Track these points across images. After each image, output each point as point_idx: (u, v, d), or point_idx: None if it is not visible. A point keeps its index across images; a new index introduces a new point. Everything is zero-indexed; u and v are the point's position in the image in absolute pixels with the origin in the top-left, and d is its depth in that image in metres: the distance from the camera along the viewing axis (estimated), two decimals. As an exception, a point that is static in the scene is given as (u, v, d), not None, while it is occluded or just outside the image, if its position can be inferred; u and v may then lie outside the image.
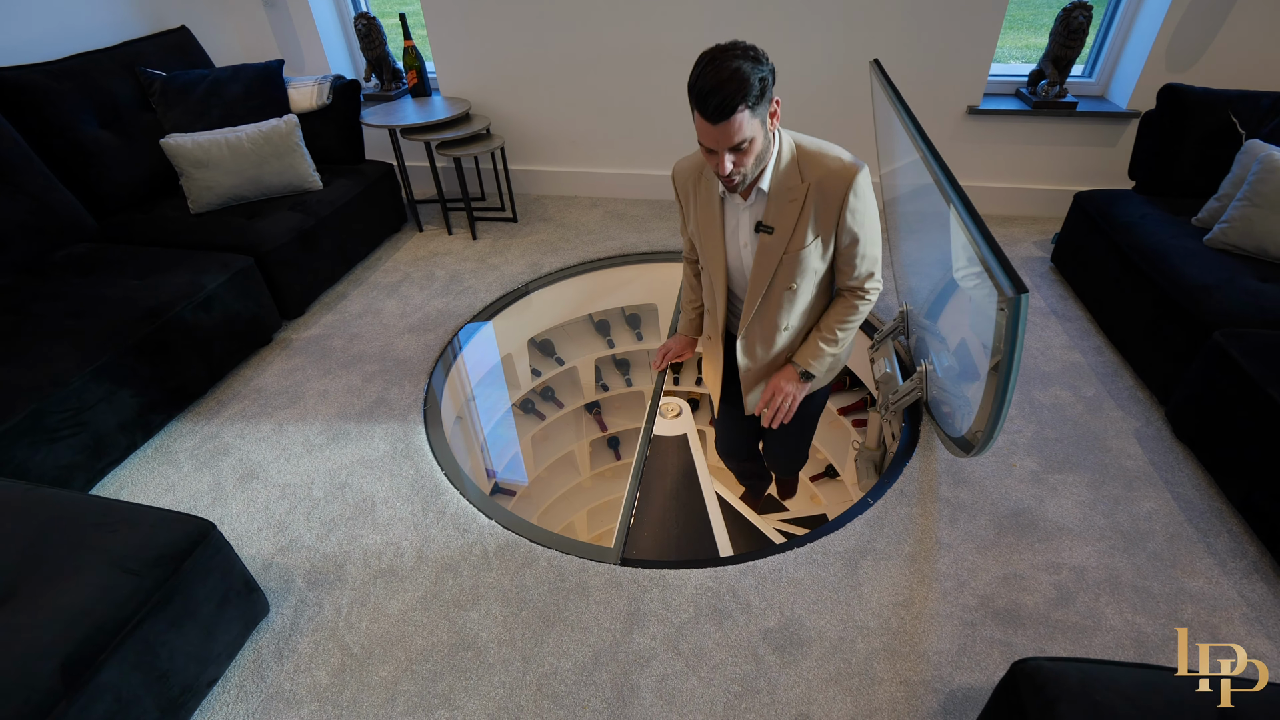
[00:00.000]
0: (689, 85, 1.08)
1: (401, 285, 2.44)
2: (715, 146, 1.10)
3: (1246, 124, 1.95)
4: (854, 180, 1.18)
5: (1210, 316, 1.56)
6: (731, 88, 1.04)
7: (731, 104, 1.05)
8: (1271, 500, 1.32)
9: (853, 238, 1.25)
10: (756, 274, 1.31)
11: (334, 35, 3.00)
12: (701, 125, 1.09)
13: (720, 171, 1.13)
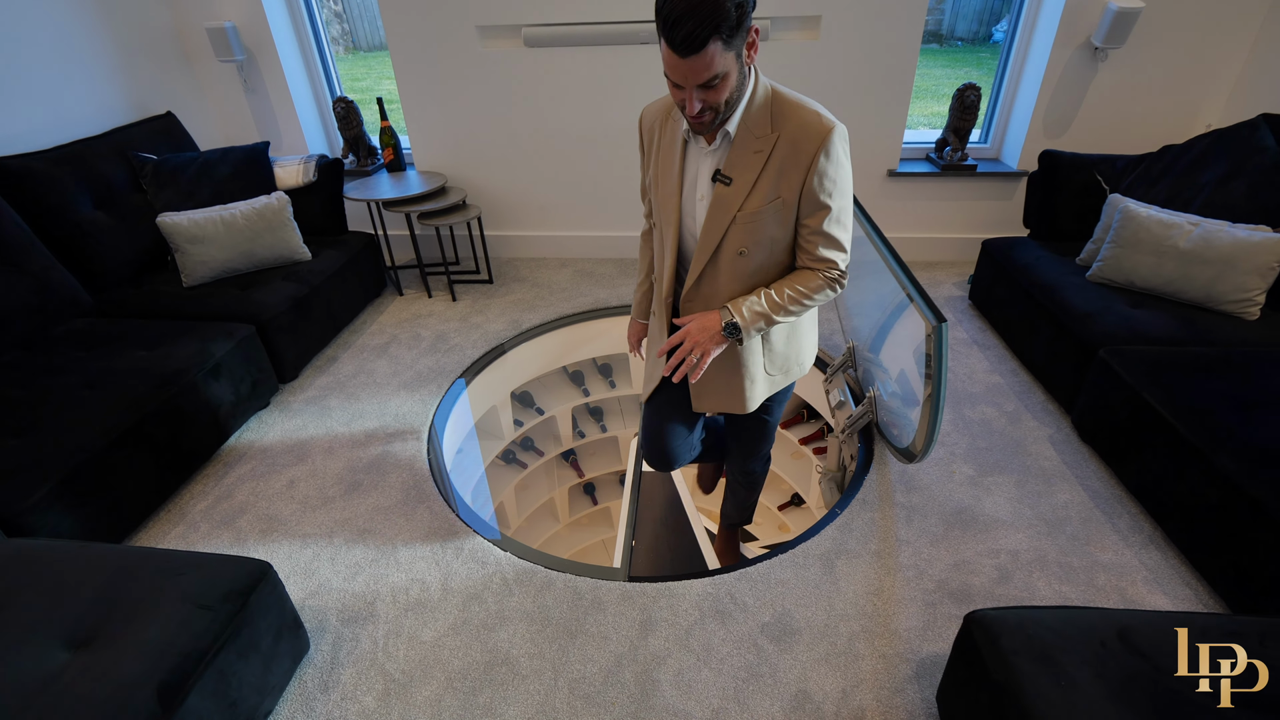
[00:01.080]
0: (656, 9, 0.94)
1: (390, 346, 2.58)
2: (683, 82, 0.98)
3: (1108, 181, 2.39)
4: (828, 138, 1.05)
5: (1095, 338, 1.91)
6: (704, 13, 0.90)
7: (703, 34, 0.91)
8: (1157, 483, 1.62)
9: (818, 206, 1.11)
10: (707, 231, 1.16)
11: (311, 117, 3.20)
12: (669, 57, 0.96)
13: (689, 111, 1.02)
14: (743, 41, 0.98)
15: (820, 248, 1.14)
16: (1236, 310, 1.93)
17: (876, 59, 2.68)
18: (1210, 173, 2.15)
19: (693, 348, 1.16)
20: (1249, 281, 1.91)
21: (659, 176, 1.21)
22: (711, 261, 1.19)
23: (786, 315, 1.19)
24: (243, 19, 2.86)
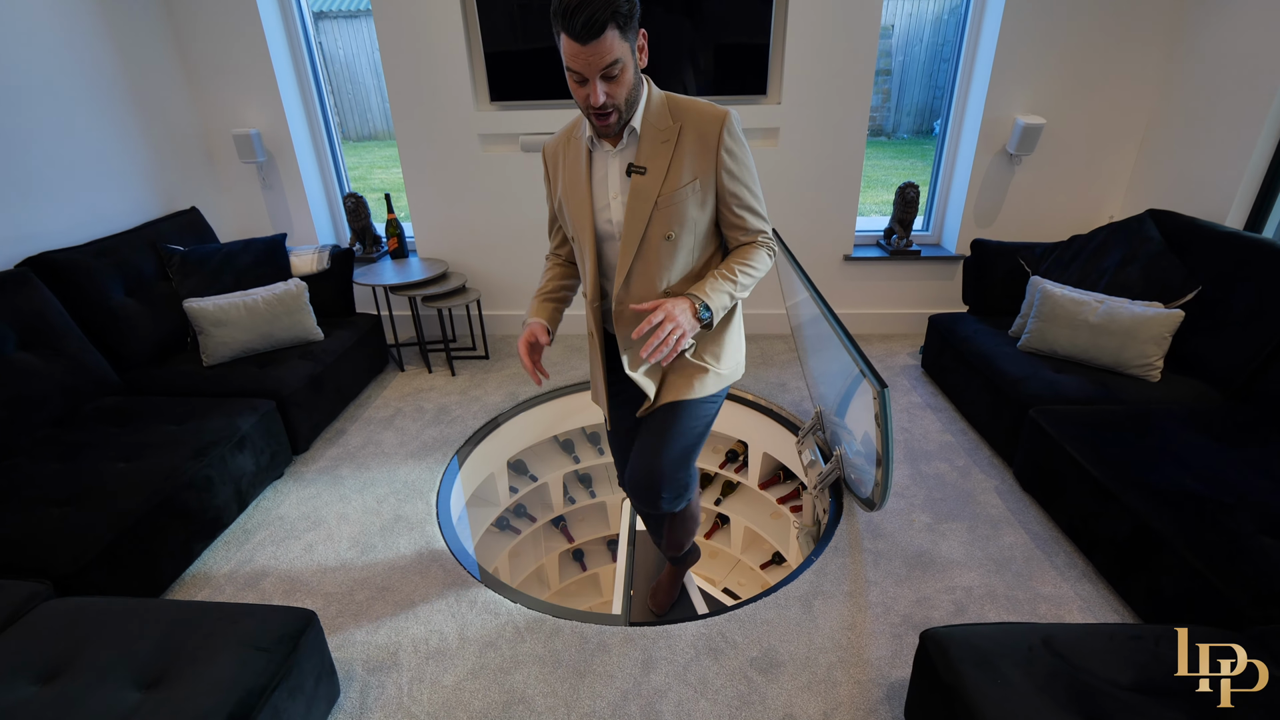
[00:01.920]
0: (553, 6, 1.03)
1: (395, 419, 2.77)
2: (586, 71, 1.05)
3: (1030, 265, 2.77)
4: (727, 119, 1.18)
5: (1026, 400, 2.20)
6: (600, 2, 0.99)
7: (601, 20, 1.00)
8: (1084, 523, 1.87)
9: (735, 181, 1.22)
10: (630, 222, 1.22)
11: (321, 209, 3.50)
12: (570, 48, 1.04)
13: (593, 102, 1.08)
14: (635, 37, 1.08)
15: (750, 221, 1.26)
16: (1141, 374, 2.26)
17: (827, 162, 3.10)
18: (1110, 258, 2.54)
19: (671, 328, 1.14)
20: (1148, 349, 2.25)
21: (568, 190, 1.28)
22: (639, 254, 1.24)
23: (743, 290, 1.26)
24: (265, 125, 3.19)
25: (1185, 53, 2.75)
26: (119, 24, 2.72)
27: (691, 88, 2.98)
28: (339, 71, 9.46)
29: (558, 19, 1.03)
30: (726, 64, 2.94)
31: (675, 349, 1.16)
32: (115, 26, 2.70)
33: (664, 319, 1.15)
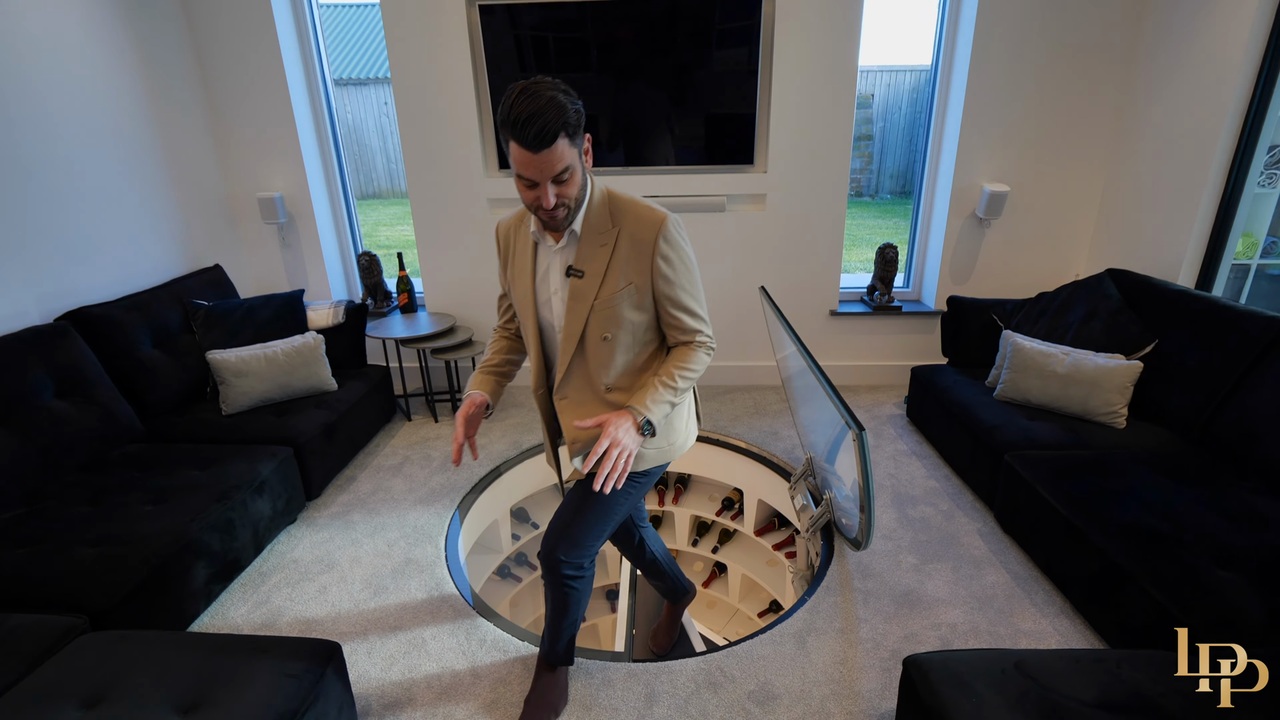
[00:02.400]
0: (501, 117, 1.07)
1: (404, 466, 2.88)
2: (538, 177, 1.10)
3: (1002, 320, 2.97)
4: (663, 225, 1.22)
5: (1002, 446, 2.35)
6: (551, 114, 1.05)
7: (552, 130, 1.05)
8: (1059, 560, 1.99)
9: (669, 285, 1.26)
10: (570, 321, 1.27)
11: (336, 267, 3.69)
12: (521, 157, 1.08)
13: (544, 204, 1.13)
14: (581, 142, 1.14)
15: (687, 321, 1.30)
16: (1108, 421, 2.42)
17: (812, 224, 3.34)
18: (1075, 314, 2.74)
19: (617, 452, 1.17)
20: (1113, 398, 2.42)
21: (515, 278, 1.33)
22: (579, 350, 1.30)
23: (681, 393, 1.30)
24: (287, 189, 3.42)
25: (1131, 129, 3.04)
26: (160, 98, 2.97)
27: (680, 159, 3.24)
28: (347, 134, 9.94)
29: (507, 128, 1.07)
30: (715, 136, 3.21)
31: (625, 470, 1.19)
32: (157, 101, 2.95)
33: (609, 445, 1.17)
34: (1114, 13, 2.96)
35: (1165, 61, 2.84)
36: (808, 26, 3.01)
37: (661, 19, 3.00)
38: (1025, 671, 1.32)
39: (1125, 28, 2.98)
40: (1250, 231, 3.21)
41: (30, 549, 1.79)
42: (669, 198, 3.26)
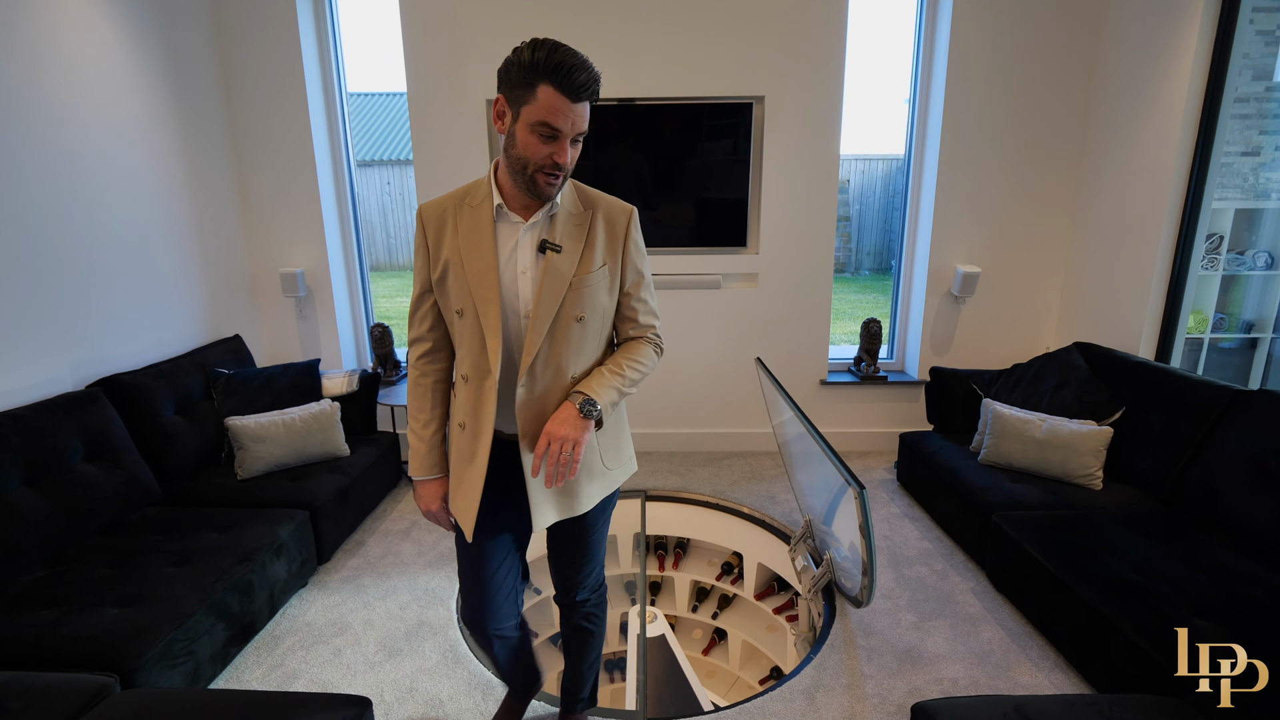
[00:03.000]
0: (537, 61, 1.05)
1: (412, 530, 2.93)
2: (567, 129, 1.09)
3: (981, 389, 3.18)
4: (633, 214, 1.29)
5: (989, 507, 2.49)
6: (593, 72, 1.07)
7: (595, 86, 1.08)
8: (1050, 614, 2.09)
9: (636, 274, 1.30)
10: (544, 300, 1.20)
11: (348, 337, 3.85)
12: (557, 103, 1.06)
13: (560, 160, 1.11)
14: None
15: (642, 314, 1.31)
16: (1085, 483, 2.58)
17: (801, 300, 3.59)
18: (1048, 383, 2.96)
19: (561, 443, 1.15)
20: (1088, 461, 2.59)
21: (468, 258, 1.21)
22: (550, 335, 1.22)
23: (631, 385, 1.28)
24: (308, 264, 3.61)
25: (1086, 217, 3.38)
26: (199, 178, 3.20)
27: (680, 241, 3.50)
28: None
29: (547, 72, 1.05)
30: (711, 221, 3.49)
31: (577, 459, 1.17)
32: (195, 181, 3.17)
33: (549, 442, 1.16)
34: (1065, 114, 3.35)
35: (1112, 159, 3.21)
36: (793, 123, 3.36)
37: (668, 121, 3.33)
38: (1025, 714, 1.42)
39: (1075, 129, 3.37)
40: (1200, 309, 3.51)
41: (57, 610, 1.83)
42: (670, 275, 3.50)
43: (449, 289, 1.25)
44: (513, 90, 1.11)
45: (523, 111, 1.10)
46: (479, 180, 1.28)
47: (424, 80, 3.33)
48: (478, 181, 1.28)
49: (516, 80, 1.09)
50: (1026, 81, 3.33)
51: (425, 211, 1.28)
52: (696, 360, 3.64)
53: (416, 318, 1.35)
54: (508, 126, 1.15)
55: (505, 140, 1.17)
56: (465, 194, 1.27)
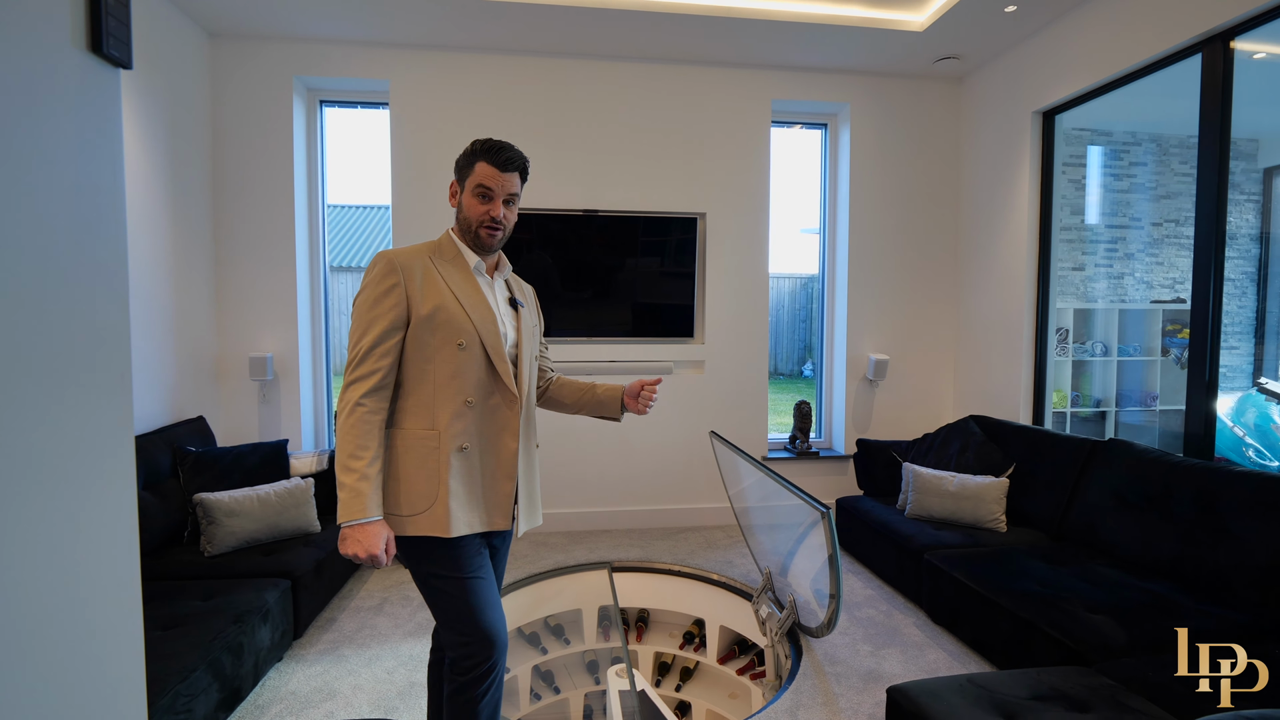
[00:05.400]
0: (475, 147, 1.45)
1: (384, 606, 2.92)
2: (497, 189, 1.43)
3: (900, 455, 3.69)
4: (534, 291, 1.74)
5: (920, 549, 2.88)
6: (519, 153, 1.46)
7: (518, 162, 1.45)
8: (980, 630, 2.44)
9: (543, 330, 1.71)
10: (525, 340, 1.53)
11: (309, 421, 3.89)
12: (489, 172, 1.42)
13: (494, 214, 1.44)
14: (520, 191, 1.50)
15: (549, 358, 1.77)
16: (993, 526, 3.05)
17: (741, 385, 4.07)
18: (952, 448, 3.50)
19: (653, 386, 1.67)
20: (993, 508, 3.08)
21: (466, 300, 1.44)
22: (529, 378, 1.55)
23: None
24: (278, 350, 3.73)
25: (966, 316, 4.15)
26: (181, 268, 3.34)
27: (636, 332, 3.95)
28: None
29: (480, 154, 1.43)
30: (664, 318, 3.98)
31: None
32: (179, 269, 3.31)
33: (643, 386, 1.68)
34: (942, 236, 4.20)
35: (980, 271, 4.03)
36: (730, 235, 4.00)
37: (629, 229, 3.88)
38: (976, 683, 1.73)
39: (951, 247, 4.21)
40: (1060, 388, 4.29)
41: (46, 671, 1.78)
42: (628, 362, 3.89)
43: (441, 326, 1.40)
44: (460, 171, 1.49)
45: (466, 183, 1.47)
46: (433, 242, 1.53)
47: (408, 187, 3.73)
48: (434, 243, 1.53)
49: (462, 164, 1.48)
50: (911, 211, 4.18)
51: (397, 259, 1.43)
52: (652, 440, 3.96)
53: (375, 354, 1.37)
54: (458, 198, 1.50)
55: (456, 211, 1.52)
56: (431, 251, 1.49)
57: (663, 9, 3.32)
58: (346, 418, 1.35)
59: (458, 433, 1.42)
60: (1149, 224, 4.88)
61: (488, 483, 1.47)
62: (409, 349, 1.41)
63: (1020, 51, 3.64)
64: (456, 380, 1.42)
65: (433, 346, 1.41)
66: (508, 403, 1.47)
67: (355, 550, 1.34)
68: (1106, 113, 4.27)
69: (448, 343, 1.41)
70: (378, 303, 1.39)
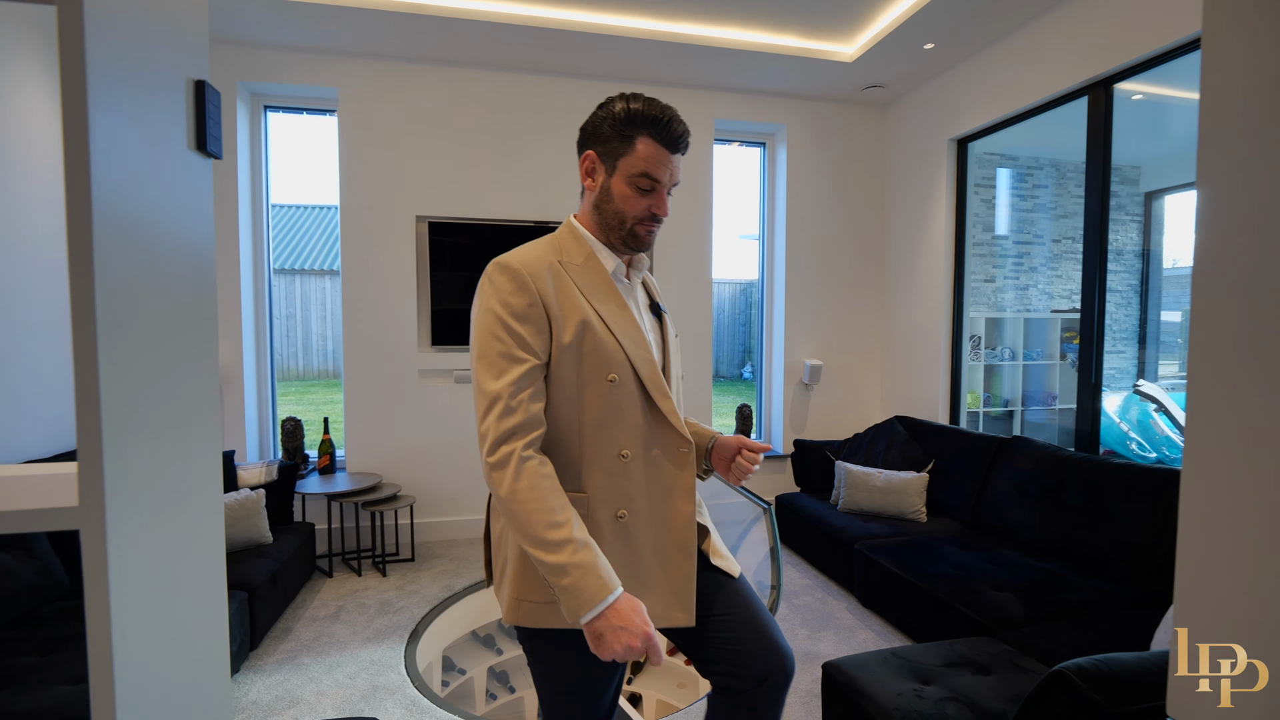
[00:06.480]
0: (634, 113, 1.04)
1: (340, 614, 2.95)
2: (665, 179, 1.07)
3: (833, 454, 3.97)
4: None
5: (851, 539, 3.15)
6: (686, 127, 1.06)
7: (688, 139, 1.06)
8: (903, 611, 2.71)
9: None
10: (672, 360, 1.18)
11: (254, 432, 3.83)
12: (656, 154, 1.05)
13: (659, 212, 1.08)
14: None
15: None
16: (915, 517, 3.36)
17: (690, 390, 4.27)
18: (879, 446, 3.81)
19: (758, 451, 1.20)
20: (915, 501, 3.39)
21: (611, 318, 1.08)
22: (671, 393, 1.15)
23: None
24: (223, 358, 3.65)
25: (891, 324, 4.50)
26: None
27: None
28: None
29: (644, 125, 1.04)
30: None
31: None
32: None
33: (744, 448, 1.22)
34: (870, 249, 4.53)
35: (903, 282, 4.38)
36: (676, 242, 4.19)
37: (571, 238, 4.01)
38: (899, 655, 1.96)
39: (877, 259, 4.55)
40: (974, 390, 4.70)
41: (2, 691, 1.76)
42: (578, 367, 4.02)
43: (587, 356, 1.06)
44: (606, 145, 1.09)
45: (619, 164, 1.08)
46: (552, 239, 1.15)
47: (357, 196, 3.73)
48: (553, 240, 1.15)
49: (610, 134, 1.08)
50: (843, 226, 4.50)
51: (526, 268, 1.05)
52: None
53: (525, 400, 1.03)
54: (599, 183, 1.11)
55: (596, 196, 1.12)
56: (555, 251, 1.12)
57: (614, 32, 3.48)
58: (515, 480, 0.99)
59: (611, 496, 1.09)
60: (1050, 240, 5.41)
61: (657, 561, 1.11)
62: (561, 385, 1.08)
63: (938, 84, 3.99)
64: (608, 427, 1.08)
65: (575, 384, 1.07)
66: (675, 452, 1.12)
67: (628, 642, 0.95)
68: (1013, 140, 4.73)
69: (596, 378, 1.07)
70: (512, 331, 1.03)
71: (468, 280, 3.89)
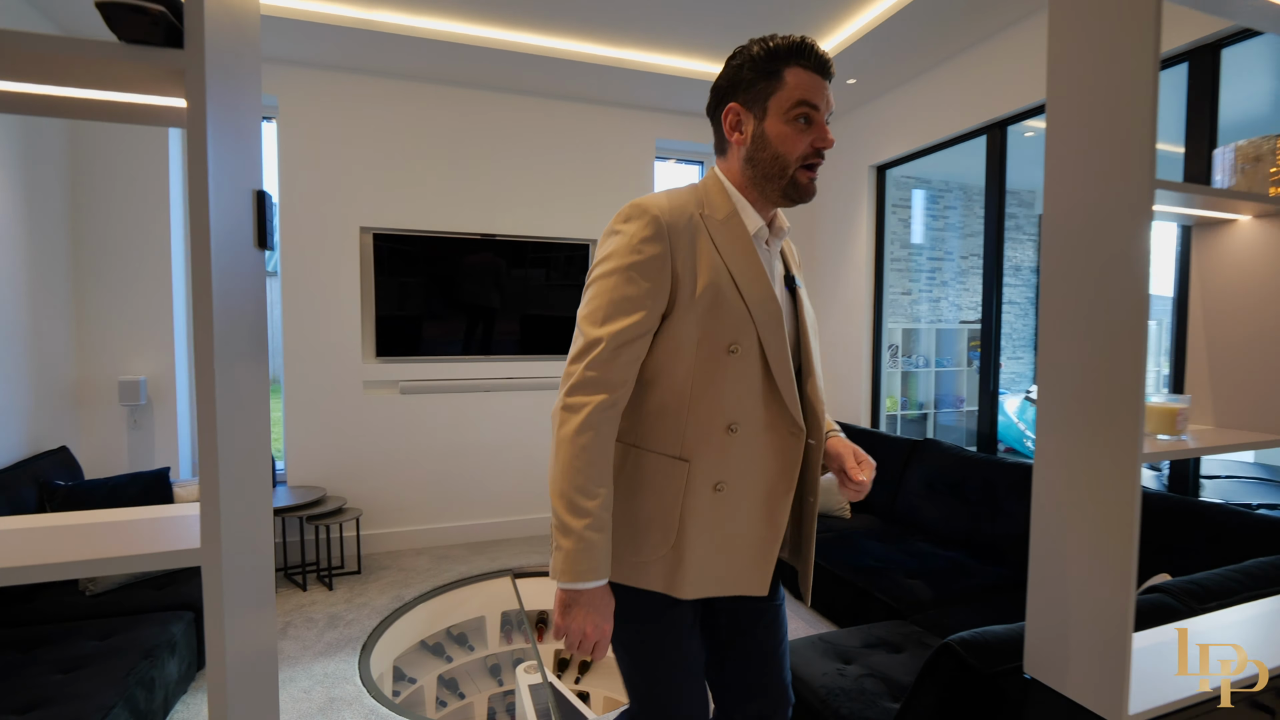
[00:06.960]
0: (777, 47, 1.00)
1: (288, 629, 2.94)
2: (823, 104, 1.00)
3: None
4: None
5: (784, 537, 3.41)
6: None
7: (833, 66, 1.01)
8: (833, 602, 2.98)
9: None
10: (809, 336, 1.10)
11: (187, 443, 3.72)
12: (810, 81, 0.99)
13: (825, 144, 1.01)
14: None
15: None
16: (840, 514, 3.67)
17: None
18: (810, 449, 4.11)
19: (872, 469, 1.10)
20: (840, 499, 3.69)
21: (743, 281, 1.01)
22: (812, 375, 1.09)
23: None
24: (152, 372, 3.54)
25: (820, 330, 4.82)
26: (38, 285, 3.09)
27: (534, 346, 4.19)
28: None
29: (792, 54, 0.99)
30: (555, 332, 4.26)
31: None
32: (33, 287, 3.07)
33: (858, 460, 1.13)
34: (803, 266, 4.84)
35: (830, 296, 4.71)
36: (619, 262, 4.35)
37: (528, 253, 4.10)
38: (825, 640, 2.20)
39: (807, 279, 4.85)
40: (892, 395, 5.11)
41: (-57, 725, 1.72)
42: (525, 379, 4.12)
43: (713, 318, 1.00)
44: (750, 89, 1.03)
45: (771, 104, 1.01)
46: (694, 186, 1.08)
47: (297, 205, 3.69)
48: (699, 188, 1.08)
49: (754, 76, 1.02)
50: (773, 241, 4.78)
51: (663, 215, 1.00)
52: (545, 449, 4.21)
53: (624, 357, 0.98)
54: (749, 133, 1.04)
55: (749, 149, 1.04)
56: (698, 203, 1.05)
57: (560, 55, 3.60)
58: (579, 434, 0.96)
59: (712, 468, 1.03)
60: (959, 256, 5.93)
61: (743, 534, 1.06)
62: (658, 341, 1.02)
63: (860, 115, 4.34)
64: (720, 399, 1.02)
65: (691, 345, 1.01)
66: (787, 438, 1.06)
67: (584, 625, 0.96)
68: (926, 166, 5.16)
69: (715, 345, 1.01)
70: (632, 279, 0.98)
71: (413, 291, 3.92)
